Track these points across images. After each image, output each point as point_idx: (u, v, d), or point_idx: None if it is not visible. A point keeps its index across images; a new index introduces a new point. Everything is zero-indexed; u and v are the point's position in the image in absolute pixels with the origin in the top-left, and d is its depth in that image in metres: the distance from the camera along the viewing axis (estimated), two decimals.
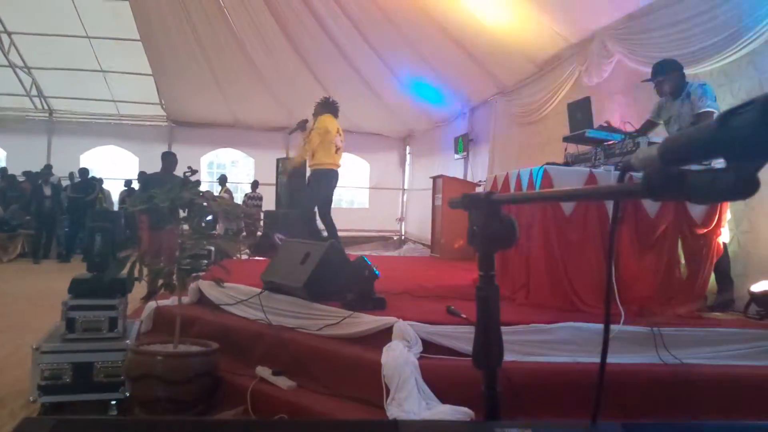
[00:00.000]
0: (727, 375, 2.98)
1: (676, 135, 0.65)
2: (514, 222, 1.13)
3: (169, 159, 6.81)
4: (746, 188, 0.57)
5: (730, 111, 0.56)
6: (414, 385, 2.62)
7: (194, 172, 6.57)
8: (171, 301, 4.07)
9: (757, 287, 3.67)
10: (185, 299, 4.18)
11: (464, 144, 10.83)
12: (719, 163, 0.58)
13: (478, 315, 1.18)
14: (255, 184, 13.27)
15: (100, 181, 12.26)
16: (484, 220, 1.12)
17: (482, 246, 1.15)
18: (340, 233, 6.21)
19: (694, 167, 0.63)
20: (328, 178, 6.22)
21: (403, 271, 5.90)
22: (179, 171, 7.05)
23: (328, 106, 6.41)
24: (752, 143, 0.53)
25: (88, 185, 11.57)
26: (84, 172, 11.78)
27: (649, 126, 4.38)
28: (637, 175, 0.71)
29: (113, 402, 3.24)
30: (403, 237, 14.82)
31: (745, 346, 3.19)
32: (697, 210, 3.67)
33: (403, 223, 15.18)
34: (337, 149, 6.23)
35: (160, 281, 3.26)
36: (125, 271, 3.16)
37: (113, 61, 12.21)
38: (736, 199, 0.58)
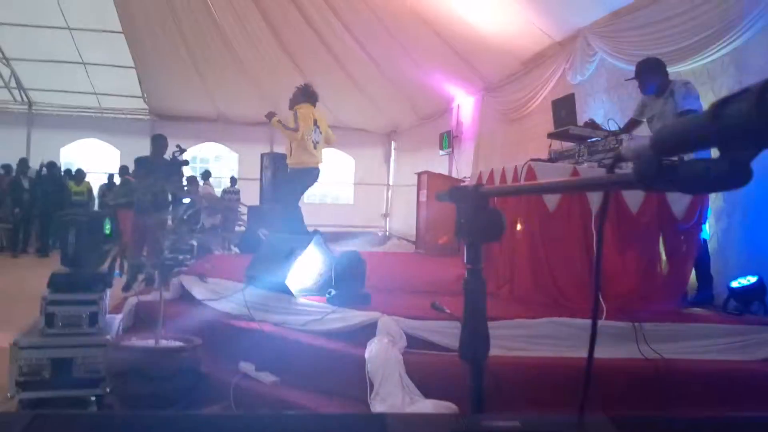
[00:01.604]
0: (706, 370, 3.03)
1: (669, 125, 0.64)
2: (501, 214, 1.13)
3: (158, 142, 6.66)
4: (740, 178, 0.57)
5: (724, 100, 0.55)
6: (398, 379, 2.62)
7: (183, 151, 6.42)
8: (152, 296, 4.02)
9: (736, 283, 3.72)
10: (167, 294, 4.13)
11: (449, 140, 10.84)
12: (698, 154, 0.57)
13: (465, 308, 1.17)
14: (233, 180, 13.24)
15: (81, 172, 12.00)
16: (471, 213, 1.12)
17: (470, 239, 1.15)
18: (324, 229, 6.14)
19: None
20: (304, 177, 5.93)
21: (387, 266, 5.89)
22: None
23: (306, 93, 5.96)
24: (746, 133, 0.53)
25: (55, 179, 11.33)
26: (51, 166, 11.53)
27: (632, 124, 4.41)
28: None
29: (93, 398, 3.19)
30: (387, 233, 14.81)
31: (723, 341, 3.23)
32: (678, 206, 3.71)
33: (387, 219, 15.17)
34: (315, 144, 5.83)
35: (141, 276, 3.22)
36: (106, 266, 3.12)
37: (95, 53, 12.00)
38: (730, 189, 0.57)
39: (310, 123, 5.78)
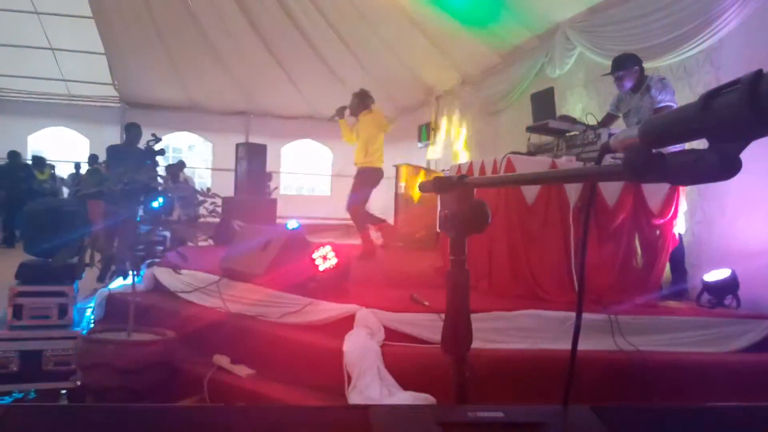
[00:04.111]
0: (680, 361, 3.08)
1: (658, 116, 0.64)
2: (485, 205, 1.11)
3: (132, 131, 6.53)
4: (729, 169, 0.56)
5: (714, 91, 0.55)
6: (376, 372, 2.61)
7: (158, 140, 6.30)
8: (124, 288, 3.94)
9: (710, 277, 3.78)
10: (139, 286, 4.05)
11: (428, 132, 10.84)
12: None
13: (448, 300, 1.16)
14: (269, 177, 13.26)
15: (41, 160, 11.67)
16: (455, 204, 1.10)
17: (454, 230, 1.13)
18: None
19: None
20: (374, 177, 5.80)
21: (365, 259, 5.88)
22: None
23: (370, 98, 5.89)
24: (736, 124, 0.52)
25: (17, 169, 11.00)
26: (14, 155, 11.18)
27: (609, 119, 4.45)
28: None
29: (63, 391, 3.12)
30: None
31: (697, 333, 3.29)
32: (654, 201, 3.76)
33: None
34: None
35: (112, 267, 3.15)
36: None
37: (63, 39, 11.70)
38: (718, 180, 0.57)
39: (383, 126, 5.75)
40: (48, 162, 11.83)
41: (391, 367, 2.65)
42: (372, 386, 2.54)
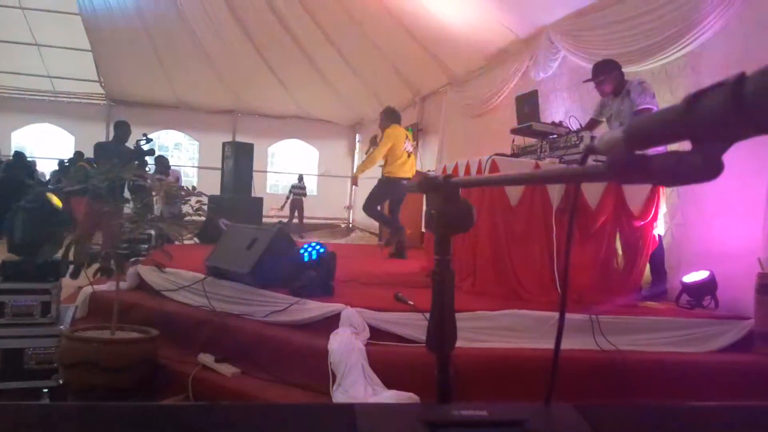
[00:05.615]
0: (660, 361, 3.13)
1: (642, 117, 0.65)
2: (471, 205, 1.13)
3: (122, 128, 6.48)
4: (711, 171, 0.57)
5: (699, 92, 0.55)
6: (360, 371, 2.62)
7: (149, 140, 6.28)
8: (108, 286, 3.91)
9: (689, 278, 3.85)
10: (123, 284, 4.02)
11: (414, 134, 10.86)
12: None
13: (434, 299, 1.17)
14: (300, 177, 13.79)
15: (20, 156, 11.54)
16: (441, 204, 1.11)
17: (439, 230, 1.15)
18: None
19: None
20: (391, 186, 6.30)
21: (350, 258, 5.88)
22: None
23: (392, 116, 6.44)
24: (719, 126, 0.53)
25: (24, 170, 10.86)
26: (19, 156, 11.06)
27: (593, 124, 4.49)
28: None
29: (45, 390, 3.09)
30: (350, 225, 14.79)
31: (676, 333, 3.34)
32: (635, 203, 3.81)
33: (351, 211, 15.14)
34: (409, 155, 6.36)
35: (97, 265, 3.13)
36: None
37: (49, 35, 11.57)
38: (701, 181, 0.58)
39: (401, 140, 6.28)
40: (29, 159, 11.69)
41: (375, 365, 2.66)
42: (357, 385, 2.56)
